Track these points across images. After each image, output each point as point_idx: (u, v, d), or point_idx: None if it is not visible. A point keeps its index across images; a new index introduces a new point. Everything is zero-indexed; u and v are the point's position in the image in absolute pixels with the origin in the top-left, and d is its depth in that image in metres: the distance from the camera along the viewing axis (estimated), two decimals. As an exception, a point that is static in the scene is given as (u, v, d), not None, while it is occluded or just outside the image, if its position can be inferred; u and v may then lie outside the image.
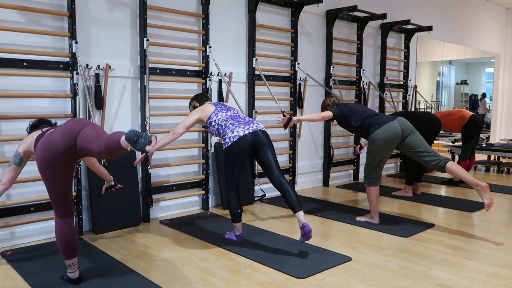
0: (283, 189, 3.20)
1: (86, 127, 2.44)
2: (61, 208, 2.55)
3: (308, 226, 3.01)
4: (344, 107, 3.95)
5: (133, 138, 2.17)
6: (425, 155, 3.74)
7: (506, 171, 6.95)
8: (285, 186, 3.20)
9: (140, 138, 2.16)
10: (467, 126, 5.70)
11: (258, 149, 3.27)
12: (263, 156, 3.28)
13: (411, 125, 3.83)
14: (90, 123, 2.51)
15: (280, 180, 3.23)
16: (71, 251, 2.57)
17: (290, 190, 3.17)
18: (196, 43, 4.36)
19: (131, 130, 2.19)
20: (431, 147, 3.84)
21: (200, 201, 4.49)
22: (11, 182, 2.72)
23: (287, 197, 3.16)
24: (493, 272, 2.87)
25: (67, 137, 2.40)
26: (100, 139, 2.35)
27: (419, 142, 3.77)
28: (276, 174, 3.25)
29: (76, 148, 2.42)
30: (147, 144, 2.17)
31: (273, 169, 3.26)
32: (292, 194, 3.15)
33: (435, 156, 3.71)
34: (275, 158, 3.30)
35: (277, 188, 3.24)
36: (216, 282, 2.69)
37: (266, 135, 3.31)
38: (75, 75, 3.48)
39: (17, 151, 2.70)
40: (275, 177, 3.25)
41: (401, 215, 4.24)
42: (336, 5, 5.56)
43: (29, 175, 3.35)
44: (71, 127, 2.44)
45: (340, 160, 5.96)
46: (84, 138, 2.39)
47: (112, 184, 3.28)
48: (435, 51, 7.97)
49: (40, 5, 3.39)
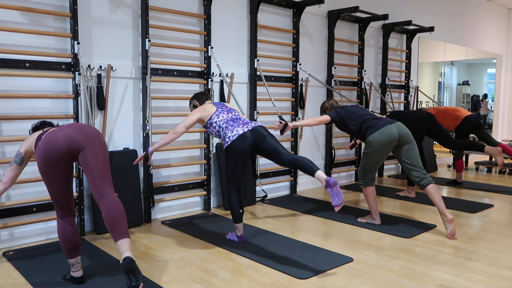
0: (295, 162, 3.13)
1: (91, 147, 2.44)
2: (62, 208, 2.55)
3: (332, 179, 2.86)
4: (341, 110, 3.95)
5: (127, 270, 2.24)
6: (413, 169, 3.77)
7: (508, 172, 6.94)
8: (296, 159, 3.14)
9: (132, 276, 2.23)
10: (460, 127, 5.67)
11: (260, 142, 3.25)
12: (267, 146, 3.24)
13: (410, 134, 3.83)
14: (94, 138, 2.49)
15: (289, 156, 3.18)
16: (73, 250, 2.57)
17: (302, 159, 3.11)
18: (198, 44, 4.36)
19: (130, 260, 2.25)
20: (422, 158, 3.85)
21: (201, 201, 4.49)
22: (11, 181, 2.72)
23: (303, 166, 3.07)
24: (495, 273, 2.86)
25: (70, 146, 2.41)
26: (102, 187, 2.42)
27: (413, 154, 3.79)
28: (285, 153, 3.20)
29: (78, 158, 2.47)
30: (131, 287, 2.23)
31: (281, 151, 3.21)
32: (306, 161, 3.08)
33: (422, 173, 3.75)
34: (279, 143, 3.27)
35: (290, 166, 3.20)
36: (218, 282, 2.69)
37: (265, 129, 3.31)
38: (77, 76, 3.49)
39: (18, 150, 2.71)
40: (284, 156, 3.19)
41: (403, 216, 4.24)
42: (338, 6, 5.56)
43: (31, 175, 3.35)
44: (75, 138, 2.43)
45: (342, 161, 5.96)
46: (87, 166, 2.43)
47: None
48: (437, 51, 7.96)
49: (42, 6, 3.40)
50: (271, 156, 3.27)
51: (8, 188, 2.75)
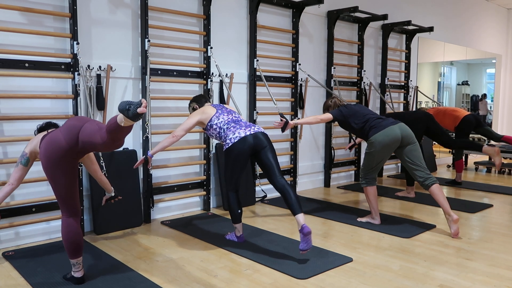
0: (284, 191, 3.17)
1: (87, 122, 2.47)
2: (68, 208, 2.56)
3: (307, 227, 2.95)
4: (344, 108, 3.93)
5: (125, 107, 2.18)
6: (417, 169, 3.76)
7: (507, 172, 6.94)
8: (286, 188, 3.17)
9: (131, 106, 2.18)
10: (460, 127, 5.67)
11: (259, 151, 3.27)
12: (264, 158, 3.26)
13: (413, 134, 3.81)
14: (90, 119, 2.54)
15: (281, 182, 3.20)
16: (76, 251, 2.58)
17: (291, 192, 3.14)
18: (197, 44, 4.36)
19: (121, 101, 2.22)
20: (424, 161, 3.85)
21: (201, 202, 4.49)
22: (18, 182, 2.77)
23: (288, 199, 3.12)
24: (495, 273, 2.86)
25: (69, 135, 2.43)
26: (102, 130, 2.38)
27: (416, 154, 3.78)
28: (277, 176, 3.23)
29: (79, 144, 2.43)
30: (138, 107, 2.17)
31: (274, 171, 3.24)
32: (292, 196, 3.11)
33: (426, 173, 3.74)
34: (276, 160, 3.29)
35: (278, 191, 3.22)
36: (217, 282, 2.69)
37: (266, 138, 3.31)
38: (77, 76, 3.49)
39: (23, 151, 2.74)
40: (276, 179, 3.22)
41: (402, 216, 4.24)
42: (337, 6, 5.57)
43: (32, 175, 3.34)
44: (72, 124, 2.47)
45: (341, 161, 5.96)
46: (86, 133, 2.41)
47: (112, 196, 3.26)
48: (436, 52, 7.97)
49: (42, 6, 3.40)
50: (264, 169, 3.29)
51: (15, 189, 2.78)
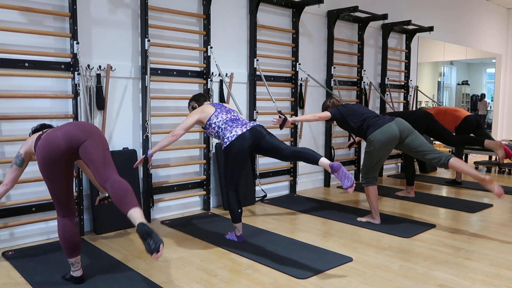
0: (297, 153, 3.12)
1: (90, 139, 2.44)
2: (62, 208, 2.55)
3: (336, 163, 2.84)
4: (343, 108, 3.95)
5: (143, 235, 2.11)
6: (427, 153, 3.73)
7: (507, 171, 6.94)
8: (298, 150, 3.13)
9: (150, 240, 2.08)
10: (460, 127, 5.68)
11: (260, 142, 3.25)
12: (267, 144, 3.24)
13: (409, 126, 3.82)
14: (93, 132, 2.50)
15: (290, 149, 3.17)
16: (74, 250, 2.58)
17: (304, 149, 3.10)
18: (197, 44, 4.36)
19: (143, 225, 2.12)
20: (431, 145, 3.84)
21: (201, 201, 4.49)
22: (12, 183, 2.74)
23: (306, 156, 3.06)
24: (495, 272, 2.86)
25: (70, 142, 2.42)
26: (106, 172, 2.38)
27: (419, 141, 3.77)
28: (285, 148, 3.19)
29: (78, 156, 2.46)
30: (154, 252, 2.08)
31: (281, 146, 3.20)
32: (309, 151, 3.07)
33: (437, 153, 3.70)
34: (278, 140, 3.26)
35: (293, 159, 3.19)
36: (217, 282, 2.69)
37: (264, 128, 3.31)
38: (77, 76, 3.49)
39: (18, 152, 2.71)
40: (285, 151, 3.18)
41: (402, 216, 4.24)
42: (337, 5, 5.56)
43: (31, 175, 3.35)
44: (74, 133, 2.44)
45: (341, 161, 5.95)
46: (88, 157, 2.41)
47: (106, 196, 3.24)
48: (436, 51, 7.97)
49: (42, 6, 3.39)
50: (272, 153, 3.26)
51: (9, 190, 2.76)
